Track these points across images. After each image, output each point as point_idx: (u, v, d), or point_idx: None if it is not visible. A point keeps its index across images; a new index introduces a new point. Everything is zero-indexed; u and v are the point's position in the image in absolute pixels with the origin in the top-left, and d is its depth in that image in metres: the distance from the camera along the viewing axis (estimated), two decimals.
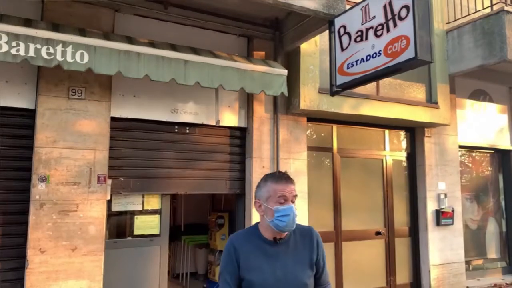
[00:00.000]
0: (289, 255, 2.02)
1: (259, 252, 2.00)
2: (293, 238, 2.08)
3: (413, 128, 7.15)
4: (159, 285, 5.05)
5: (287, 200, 1.99)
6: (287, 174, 2.07)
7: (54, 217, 4.32)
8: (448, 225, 6.96)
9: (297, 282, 1.98)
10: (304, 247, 2.07)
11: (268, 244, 2.03)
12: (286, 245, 2.04)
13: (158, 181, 5.09)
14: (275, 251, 2.02)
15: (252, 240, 2.04)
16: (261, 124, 5.63)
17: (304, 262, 2.03)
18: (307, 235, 2.12)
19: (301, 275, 2.00)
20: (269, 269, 1.97)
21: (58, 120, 4.45)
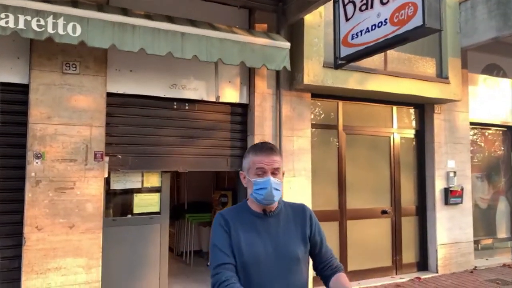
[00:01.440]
0: (280, 229, 1.92)
1: (249, 226, 1.90)
2: (284, 212, 1.98)
3: (422, 104, 6.90)
4: (160, 263, 5.00)
5: (265, 172, 1.86)
6: (269, 145, 1.92)
7: (51, 194, 4.25)
8: (457, 204, 6.78)
9: (289, 255, 1.88)
10: (296, 222, 1.97)
11: (257, 217, 1.93)
12: (277, 218, 1.94)
13: (158, 159, 4.98)
14: (266, 224, 1.92)
15: (242, 215, 1.94)
16: (263, 100, 5.45)
17: (296, 236, 1.93)
18: (299, 211, 2.02)
19: (293, 248, 1.90)
20: (260, 243, 1.87)
21: (52, 96, 4.33)
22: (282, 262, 1.86)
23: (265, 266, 1.85)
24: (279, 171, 1.89)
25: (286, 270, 1.87)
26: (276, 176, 1.88)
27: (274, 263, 1.86)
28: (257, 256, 1.84)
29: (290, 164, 5.52)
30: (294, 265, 1.89)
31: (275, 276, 1.85)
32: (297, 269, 1.91)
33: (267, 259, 1.85)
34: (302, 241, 1.94)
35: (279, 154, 1.93)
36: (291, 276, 1.88)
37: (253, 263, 1.84)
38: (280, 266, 1.86)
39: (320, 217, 6.03)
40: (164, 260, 5.03)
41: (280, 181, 1.89)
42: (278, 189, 1.88)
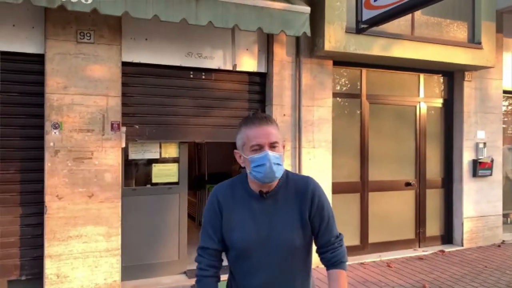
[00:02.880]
0: (277, 212, 1.70)
1: (243, 207, 1.71)
2: (283, 192, 1.72)
3: (452, 71, 6.54)
4: (179, 232, 5.05)
5: (262, 147, 1.62)
6: (261, 115, 1.68)
7: (69, 164, 4.29)
8: (486, 176, 6.50)
9: (285, 243, 1.67)
10: (295, 202, 1.71)
11: (253, 198, 1.71)
12: (274, 200, 1.71)
13: (174, 129, 4.94)
14: (261, 206, 1.70)
15: (237, 193, 1.73)
16: (282, 69, 5.27)
17: (294, 220, 1.69)
18: (301, 188, 1.73)
19: (290, 235, 1.68)
20: (253, 227, 1.68)
21: (67, 65, 4.30)
22: (276, 250, 1.68)
23: (256, 253, 1.68)
24: (278, 144, 1.66)
25: (280, 259, 1.69)
26: (275, 150, 1.64)
27: (268, 250, 1.67)
28: (249, 242, 1.67)
29: (310, 135, 5.38)
30: (289, 253, 1.69)
31: (267, 264, 1.68)
32: (294, 258, 1.72)
33: (260, 246, 1.67)
34: (302, 225, 1.70)
35: (275, 124, 1.69)
36: (286, 265, 1.70)
37: (244, 249, 1.69)
38: (274, 254, 1.68)
39: (341, 189, 5.97)
40: (183, 229, 5.08)
41: (280, 154, 1.65)
42: (279, 164, 1.64)
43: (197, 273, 1.80)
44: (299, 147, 5.28)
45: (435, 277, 5.03)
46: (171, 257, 4.99)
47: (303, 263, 1.76)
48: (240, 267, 1.74)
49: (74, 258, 4.29)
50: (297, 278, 1.75)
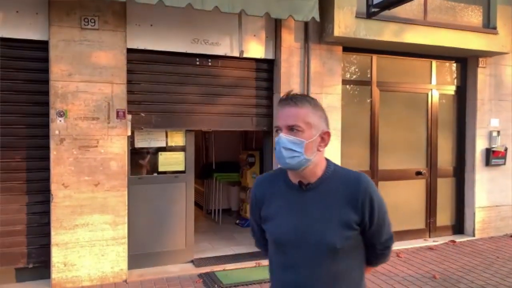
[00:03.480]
0: (317, 207, 1.51)
1: (281, 199, 1.58)
2: (326, 186, 1.53)
3: (465, 58, 6.35)
4: (186, 220, 5.02)
5: (280, 130, 1.50)
6: (290, 96, 1.51)
7: (75, 152, 4.26)
8: (499, 165, 6.35)
9: (322, 242, 1.48)
10: (340, 201, 1.50)
11: (292, 190, 1.56)
12: (315, 193, 1.52)
13: (181, 117, 4.87)
14: (300, 199, 1.53)
15: (276, 184, 1.61)
16: (290, 55, 5.15)
17: (336, 219, 1.48)
18: (350, 186, 1.51)
19: (329, 235, 1.47)
20: (289, 222, 1.53)
21: (72, 52, 4.24)
22: (311, 249, 1.49)
23: (291, 249, 1.52)
24: (300, 128, 1.46)
25: (315, 259, 1.49)
26: (293, 134, 1.46)
27: (303, 248, 1.50)
28: (284, 236, 1.54)
29: None
30: (327, 255, 1.48)
31: (301, 263, 1.51)
32: (334, 262, 1.50)
33: (295, 242, 1.51)
34: (345, 226, 1.48)
35: (304, 106, 1.47)
36: (323, 268, 1.49)
37: (279, 242, 1.57)
38: (309, 254, 1.49)
39: None
40: (190, 217, 5.05)
41: (296, 138, 1.45)
42: (291, 149, 1.46)
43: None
44: None
45: (446, 268, 4.94)
46: (178, 245, 4.97)
47: (347, 270, 1.54)
48: (276, 260, 1.61)
49: (81, 247, 4.28)
50: (337, 286, 1.53)
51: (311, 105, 1.49)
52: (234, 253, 5.41)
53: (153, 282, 4.43)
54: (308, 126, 1.47)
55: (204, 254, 5.32)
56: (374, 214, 1.51)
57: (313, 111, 1.49)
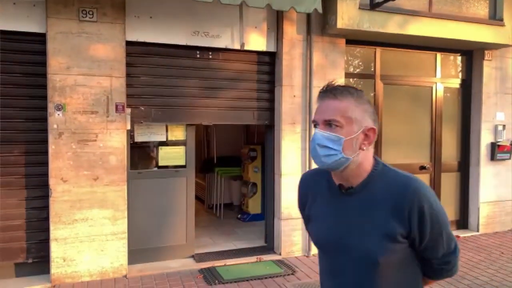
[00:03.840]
0: (359, 215, 1.34)
1: (323, 201, 1.45)
2: (369, 191, 1.34)
3: (471, 50, 6.23)
4: (187, 215, 4.97)
5: (317, 125, 1.34)
6: (329, 87, 1.34)
7: (74, 146, 4.21)
8: (505, 159, 6.25)
9: (362, 255, 1.32)
10: (384, 209, 1.30)
11: (333, 192, 1.41)
12: (357, 199, 1.35)
13: (181, 111, 4.80)
14: (341, 204, 1.38)
15: (320, 183, 1.47)
16: (292, 48, 5.06)
17: (379, 230, 1.30)
18: (396, 192, 1.30)
19: (369, 247, 1.30)
20: (328, 227, 1.40)
21: (70, 45, 4.17)
22: (351, 260, 1.35)
23: (330, 256, 1.41)
24: (338, 123, 1.29)
25: (356, 272, 1.35)
26: (331, 130, 1.30)
27: (342, 258, 1.37)
28: (323, 241, 1.43)
29: None
30: (369, 269, 1.32)
31: (340, 273, 1.38)
32: (378, 276, 1.32)
33: (334, 250, 1.39)
34: (388, 238, 1.29)
35: (344, 98, 1.31)
36: (365, 283, 1.34)
37: (319, 247, 1.46)
38: (349, 264, 1.35)
39: None
40: (190, 212, 5.00)
41: (333, 134, 1.29)
42: (327, 147, 1.29)
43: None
44: (310, 129, 5.10)
45: None
46: (179, 240, 4.93)
47: (395, 284, 1.36)
48: (321, 264, 1.51)
49: (80, 242, 4.24)
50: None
51: (354, 98, 1.31)
52: (236, 248, 5.36)
53: (153, 277, 4.39)
54: (348, 121, 1.30)
55: (205, 249, 5.28)
56: (425, 227, 1.29)
57: (356, 104, 1.31)
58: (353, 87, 1.37)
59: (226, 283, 4.24)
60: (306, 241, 5.14)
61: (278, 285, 4.21)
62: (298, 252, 5.13)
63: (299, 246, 5.14)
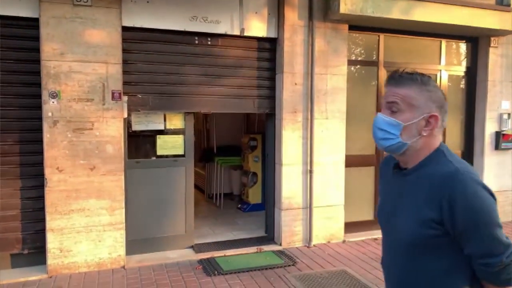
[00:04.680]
0: (406, 196, 1.39)
1: (387, 180, 1.56)
2: (418, 175, 1.37)
3: (476, 37, 6.08)
4: (186, 205, 4.89)
5: (382, 109, 1.43)
6: (396, 74, 1.39)
7: (69, 135, 4.10)
8: (509, 149, 6.14)
9: (402, 234, 1.37)
10: (424, 194, 1.32)
11: (393, 171, 1.50)
12: (408, 181, 1.40)
13: (179, 99, 4.69)
14: (396, 184, 1.45)
15: (391, 163, 1.54)
16: (294, 34, 4.92)
17: (417, 213, 1.33)
18: (437, 180, 1.31)
19: (408, 227, 1.34)
20: (384, 205, 1.52)
21: (64, 30, 4.04)
22: (395, 240, 1.43)
23: (383, 233, 1.55)
24: (399, 108, 1.34)
25: (400, 253, 1.41)
26: (392, 114, 1.36)
27: (390, 237, 1.49)
28: (380, 220, 1.55)
29: (322, 105, 5.08)
30: (410, 250, 1.36)
31: (389, 251, 1.51)
32: (419, 259, 1.35)
33: (385, 227, 1.52)
34: (422, 223, 1.31)
35: (407, 84, 1.35)
36: (408, 264, 1.38)
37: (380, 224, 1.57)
38: (394, 244, 1.45)
39: (354, 162, 5.68)
40: (189, 202, 4.91)
41: (392, 119, 1.35)
42: (385, 130, 1.36)
43: None
44: (311, 118, 4.99)
45: None
46: (178, 231, 4.85)
47: (431, 269, 1.35)
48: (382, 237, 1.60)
49: (77, 232, 4.16)
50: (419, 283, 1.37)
51: (418, 84, 1.34)
52: (235, 239, 5.29)
53: (151, 268, 4.32)
54: (409, 107, 1.34)
55: (205, 239, 5.21)
56: (456, 217, 1.26)
57: (418, 90, 1.34)
58: (419, 73, 1.38)
59: (225, 274, 4.17)
60: (307, 231, 5.06)
61: (278, 276, 4.14)
62: (299, 243, 5.05)
63: (300, 236, 5.06)
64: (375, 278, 4.10)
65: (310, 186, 5.02)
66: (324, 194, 5.12)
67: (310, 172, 5.02)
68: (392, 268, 1.48)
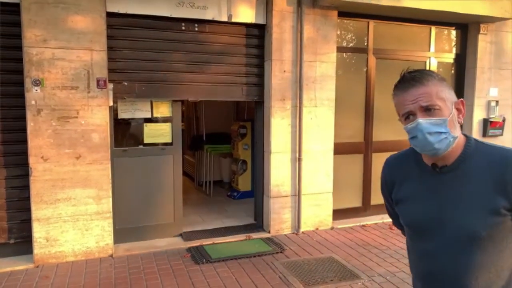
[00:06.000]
0: (457, 191, 1.34)
1: (414, 183, 1.44)
2: (466, 166, 1.34)
3: (466, 24, 6.06)
4: (174, 193, 4.87)
5: (414, 115, 1.32)
6: (409, 75, 1.35)
7: (54, 123, 4.04)
8: (497, 136, 6.19)
9: (461, 229, 1.31)
10: (484, 183, 1.30)
11: (426, 172, 1.41)
12: (454, 176, 1.35)
13: (166, 86, 4.63)
14: (436, 182, 1.38)
15: (407, 166, 1.48)
16: (283, 20, 4.85)
17: (479, 203, 1.30)
18: (495, 166, 1.30)
19: (471, 222, 1.30)
20: (423, 207, 1.39)
21: (46, 16, 3.94)
22: (449, 236, 1.33)
23: (426, 236, 1.39)
24: (439, 105, 1.30)
25: (454, 248, 1.33)
26: (432, 114, 1.30)
27: (441, 236, 1.35)
28: (417, 222, 1.42)
29: (311, 92, 5.05)
30: (469, 243, 1.31)
31: (435, 252, 1.37)
32: (478, 251, 1.31)
33: (430, 229, 1.37)
34: (490, 212, 1.28)
35: (430, 81, 1.32)
36: (463, 258, 1.33)
37: (413, 229, 1.45)
38: (446, 241, 1.34)
39: (343, 150, 5.69)
40: (178, 191, 4.89)
41: (438, 119, 1.29)
42: (438, 132, 1.29)
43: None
44: (300, 105, 4.96)
45: None
46: (166, 219, 4.84)
47: (493, 261, 1.33)
48: (413, 247, 1.49)
49: (64, 222, 4.13)
50: (479, 278, 1.33)
51: (437, 79, 1.33)
52: (225, 226, 5.30)
53: (139, 257, 4.32)
54: (443, 102, 1.31)
55: (194, 227, 5.21)
56: None
57: (440, 83, 1.33)
58: (429, 70, 1.39)
59: (214, 262, 4.18)
60: (296, 218, 5.08)
61: (266, 263, 4.17)
62: (287, 230, 5.08)
63: (288, 223, 5.08)
64: (361, 265, 4.14)
65: (298, 174, 5.03)
66: (312, 181, 5.13)
67: (299, 160, 5.02)
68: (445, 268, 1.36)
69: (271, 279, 3.83)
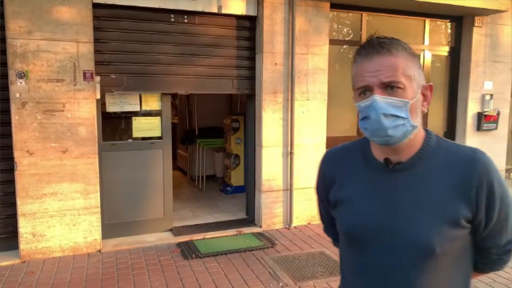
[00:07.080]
0: (412, 195, 1.09)
1: (359, 181, 1.17)
2: (425, 166, 1.10)
3: (461, 16, 6.00)
4: (164, 188, 4.80)
5: (370, 90, 1.05)
6: (378, 40, 1.06)
7: (39, 117, 3.95)
8: (491, 130, 6.14)
9: (416, 243, 1.06)
10: (445, 188, 1.07)
11: (376, 169, 1.14)
12: (409, 175, 1.10)
13: (155, 79, 4.54)
14: (387, 182, 1.12)
15: (353, 161, 1.21)
16: (274, 11, 4.77)
17: (438, 213, 1.05)
18: (460, 168, 1.08)
19: (426, 234, 1.05)
20: (369, 211, 1.12)
21: (30, 7, 3.84)
22: (399, 250, 1.08)
23: (370, 247, 1.12)
24: (401, 84, 1.03)
25: (404, 265, 1.08)
26: (394, 94, 1.04)
27: (387, 247, 1.09)
28: (361, 232, 1.13)
29: (303, 86, 4.98)
30: (421, 260, 1.06)
31: (382, 267, 1.10)
32: (430, 269, 1.07)
33: (376, 238, 1.10)
34: (449, 223, 1.05)
35: (399, 53, 1.05)
36: (413, 277, 1.07)
37: (353, 237, 1.16)
38: (395, 255, 1.08)
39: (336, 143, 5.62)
40: (168, 185, 4.83)
41: (399, 99, 1.03)
42: (395, 115, 1.03)
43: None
44: (292, 99, 4.89)
45: None
46: (156, 214, 4.78)
47: (447, 280, 1.10)
48: (348, 258, 1.22)
49: (50, 217, 4.07)
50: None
51: (407, 51, 1.06)
52: (216, 221, 5.25)
53: (128, 252, 4.27)
54: (409, 80, 1.04)
55: (185, 222, 5.16)
56: (494, 208, 1.07)
57: (412, 58, 1.07)
58: (399, 40, 1.09)
59: (203, 257, 4.13)
60: (288, 213, 5.03)
61: (256, 259, 4.12)
62: (279, 225, 5.03)
63: (280, 218, 5.04)
64: None
65: (290, 168, 4.97)
66: (304, 176, 5.07)
67: (291, 154, 4.96)
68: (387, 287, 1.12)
69: (261, 274, 3.78)
